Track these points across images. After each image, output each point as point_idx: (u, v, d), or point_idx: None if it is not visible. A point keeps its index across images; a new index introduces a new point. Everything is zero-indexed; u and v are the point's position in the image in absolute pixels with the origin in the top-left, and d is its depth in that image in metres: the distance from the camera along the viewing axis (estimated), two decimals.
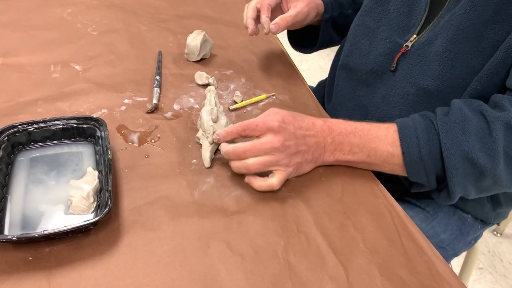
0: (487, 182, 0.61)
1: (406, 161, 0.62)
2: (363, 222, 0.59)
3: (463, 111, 0.61)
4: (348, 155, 0.65)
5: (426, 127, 0.62)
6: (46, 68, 0.82)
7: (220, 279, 0.50)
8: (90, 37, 0.93)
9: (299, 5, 0.81)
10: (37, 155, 0.63)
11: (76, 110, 0.72)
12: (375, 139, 0.64)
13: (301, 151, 0.62)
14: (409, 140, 0.62)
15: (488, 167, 0.58)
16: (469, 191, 0.62)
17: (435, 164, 0.61)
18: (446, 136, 0.60)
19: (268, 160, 0.60)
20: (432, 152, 0.61)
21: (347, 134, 0.65)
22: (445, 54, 0.67)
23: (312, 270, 0.52)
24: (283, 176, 0.61)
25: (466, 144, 0.59)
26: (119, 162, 0.64)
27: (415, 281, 0.53)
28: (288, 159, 0.61)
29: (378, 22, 0.78)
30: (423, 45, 0.71)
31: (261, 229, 0.56)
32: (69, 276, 0.49)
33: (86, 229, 0.53)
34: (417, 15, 0.73)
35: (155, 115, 0.74)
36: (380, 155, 0.64)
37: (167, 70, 0.85)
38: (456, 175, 0.60)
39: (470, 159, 0.59)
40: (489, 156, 0.58)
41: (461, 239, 0.80)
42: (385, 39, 0.76)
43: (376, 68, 0.78)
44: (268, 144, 0.60)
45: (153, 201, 0.58)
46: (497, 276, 1.48)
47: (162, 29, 0.98)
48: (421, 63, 0.71)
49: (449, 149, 0.59)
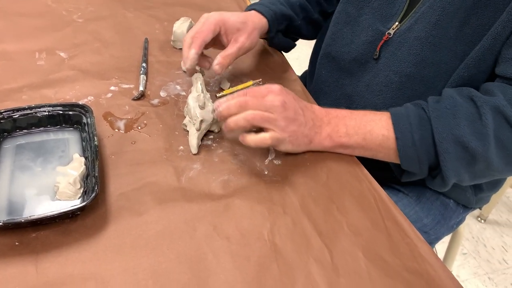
0: (480, 166, 0.62)
1: (399, 146, 0.63)
2: (347, 206, 0.60)
3: (454, 98, 0.62)
4: (345, 137, 0.65)
5: (418, 114, 0.63)
6: (31, 56, 0.81)
7: (207, 262, 0.51)
8: (75, 25, 0.92)
9: (240, 39, 0.75)
10: (22, 142, 0.63)
11: (62, 97, 0.72)
12: (370, 122, 0.65)
13: (299, 120, 0.63)
14: (402, 126, 0.63)
15: (479, 151, 0.59)
16: (462, 176, 0.63)
17: (428, 150, 0.62)
18: (437, 121, 0.61)
19: (266, 116, 0.61)
20: (424, 138, 0.62)
21: (343, 117, 0.66)
22: (428, 39, 0.68)
23: (297, 252, 0.53)
24: (276, 136, 0.61)
25: (457, 128, 0.60)
26: (105, 148, 0.64)
27: (398, 262, 0.54)
28: (285, 123, 0.61)
29: (360, 10, 0.78)
30: (405, 32, 0.71)
31: (248, 212, 0.57)
32: (56, 261, 0.49)
33: (73, 214, 0.53)
34: (400, 2, 0.73)
35: (141, 102, 0.74)
36: (376, 138, 0.64)
37: (153, 58, 0.85)
38: (449, 159, 0.61)
39: (461, 143, 0.60)
40: (480, 140, 0.59)
41: (443, 224, 0.82)
42: (368, 27, 0.76)
43: (359, 57, 0.78)
44: (269, 101, 0.61)
45: (140, 187, 0.59)
46: (480, 261, 1.51)
47: (148, 16, 0.98)
48: (402, 50, 0.71)
49: (441, 134, 0.60)
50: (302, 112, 0.64)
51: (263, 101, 0.61)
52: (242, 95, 0.62)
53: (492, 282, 1.45)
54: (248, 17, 0.78)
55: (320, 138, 0.65)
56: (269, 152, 0.67)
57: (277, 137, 0.61)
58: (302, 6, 0.89)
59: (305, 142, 0.65)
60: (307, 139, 0.64)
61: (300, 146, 0.65)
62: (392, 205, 0.61)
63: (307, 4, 0.90)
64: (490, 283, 1.45)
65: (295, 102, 0.64)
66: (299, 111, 0.63)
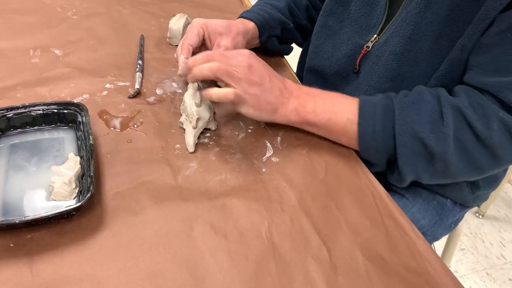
0: (438, 166, 0.61)
1: (360, 132, 0.63)
2: (346, 203, 0.60)
3: (422, 94, 0.62)
4: (311, 114, 0.65)
5: (386, 104, 0.63)
6: (25, 53, 0.80)
7: (204, 260, 0.51)
8: (70, 21, 0.91)
9: (223, 43, 0.74)
10: (17, 142, 0.62)
11: (57, 95, 0.71)
12: (339, 104, 0.65)
13: (263, 85, 0.63)
14: (366, 112, 0.63)
15: (438, 150, 0.59)
16: (420, 173, 0.63)
17: (387, 142, 0.62)
18: (400, 113, 0.61)
19: (230, 71, 0.61)
20: (385, 128, 0.61)
21: (314, 95, 0.66)
22: (404, 54, 0.68)
23: (295, 250, 0.53)
24: (238, 94, 0.61)
25: (418, 123, 0.60)
26: (101, 147, 0.63)
27: (397, 260, 0.54)
28: (248, 84, 0.62)
29: (341, 23, 0.78)
30: (382, 45, 0.71)
31: (245, 210, 0.57)
32: (51, 262, 0.48)
33: (68, 214, 0.52)
34: (378, 15, 0.73)
35: (137, 100, 0.73)
36: (341, 120, 0.64)
37: (149, 55, 0.84)
38: (406, 153, 0.61)
39: (420, 139, 0.60)
40: (439, 139, 0.59)
41: (440, 224, 0.81)
42: (348, 40, 0.76)
43: (340, 70, 0.79)
44: (235, 60, 0.62)
45: (136, 186, 0.58)
46: (478, 257, 1.51)
47: (144, 13, 0.97)
48: (379, 64, 0.71)
49: (401, 126, 0.60)
50: (269, 79, 0.64)
51: (230, 59, 0.62)
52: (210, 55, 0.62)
53: (490, 278, 1.45)
54: (232, 23, 0.77)
55: (286, 110, 0.65)
56: (267, 149, 0.66)
57: (240, 94, 0.61)
58: (290, 11, 0.88)
59: (268, 110, 0.64)
60: (271, 107, 0.64)
61: (262, 112, 0.64)
62: (391, 203, 0.61)
63: (295, 8, 0.89)
64: (488, 278, 1.45)
65: (263, 68, 0.64)
66: (265, 77, 0.64)
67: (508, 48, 0.58)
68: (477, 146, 0.59)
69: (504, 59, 0.59)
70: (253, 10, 0.84)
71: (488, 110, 0.59)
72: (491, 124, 0.58)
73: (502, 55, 0.59)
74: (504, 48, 0.59)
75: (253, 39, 0.82)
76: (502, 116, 0.58)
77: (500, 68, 0.59)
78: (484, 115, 0.59)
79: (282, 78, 0.67)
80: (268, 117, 0.65)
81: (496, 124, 0.58)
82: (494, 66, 0.60)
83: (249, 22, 0.81)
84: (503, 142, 0.59)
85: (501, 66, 0.59)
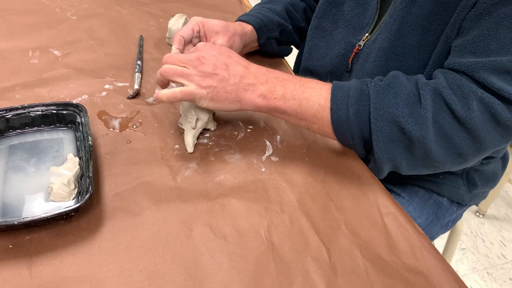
0: (418, 152, 0.59)
1: (332, 118, 0.60)
2: (345, 204, 0.60)
3: (398, 78, 0.60)
4: (280, 100, 0.62)
5: (360, 88, 0.60)
6: (24, 54, 0.80)
7: (203, 262, 0.50)
8: (69, 22, 0.91)
9: (219, 41, 0.74)
10: (16, 143, 0.62)
11: (56, 96, 0.71)
12: (309, 90, 0.62)
13: (219, 75, 0.61)
14: (339, 97, 0.60)
15: (416, 134, 0.57)
16: (398, 161, 0.60)
17: (362, 126, 0.59)
18: (376, 97, 0.59)
19: (179, 70, 0.61)
20: (360, 112, 0.59)
21: (284, 80, 0.63)
22: (391, 50, 0.67)
23: (295, 251, 0.53)
24: (188, 90, 0.60)
25: (396, 107, 0.57)
26: (100, 148, 0.63)
27: (397, 261, 0.54)
28: (200, 77, 0.61)
29: (334, 24, 0.78)
30: (372, 43, 0.71)
31: (244, 211, 0.57)
32: (50, 263, 0.48)
33: (67, 215, 0.52)
34: (370, 14, 0.73)
35: (136, 100, 0.73)
36: (311, 106, 0.61)
37: (148, 55, 0.84)
38: (382, 139, 0.58)
39: (397, 123, 0.57)
40: (418, 123, 0.57)
41: (437, 223, 0.81)
42: (341, 40, 0.77)
43: (334, 70, 0.79)
44: (185, 56, 0.62)
45: (135, 187, 0.58)
46: (479, 256, 1.51)
47: (143, 13, 0.97)
48: (368, 61, 0.71)
49: (378, 110, 0.58)
50: (225, 67, 0.62)
51: (179, 57, 0.62)
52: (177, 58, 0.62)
53: (490, 277, 1.45)
54: (230, 24, 0.77)
55: (252, 97, 0.62)
56: (267, 148, 0.66)
57: (190, 91, 0.60)
58: (288, 13, 0.88)
59: (230, 99, 0.62)
60: (232, 95, 0.62)
61: (224, 103, 0.62)
62: (390, 200, 0.61)
63: (293, 11, 0.89)
64: (489, 278, 1.44)
65: (217, 56, 0.62)
66: (220, 66, 0.62)
67: (485, 29, 0.57)
68: (457, 128, 0.57)
69: (481, 41, 0.58)
70: (251, 14, 0.84)
71: (466, 90, 0.57)
72: (471, 104, 0.56)
73: (479, 36, 0.58)
74: (482, 30, 0.58)
75: (252, 42, 0.82)
76: (481, 95, 0.56)
77: (477, 49, 0.58)
78: (463, 95, 0.57)
79: (246, 63, 0.64)
80: (233, 106, 0.63)
81: (476, 104, 0.56)
82: (471, 47, 0.59)
83: (247, 25, 0.81)
84: (484, 123, 0.57)
85: (477, 47, 0.58)
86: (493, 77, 0.56)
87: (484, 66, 0.56)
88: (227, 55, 0.64)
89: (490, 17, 0.56)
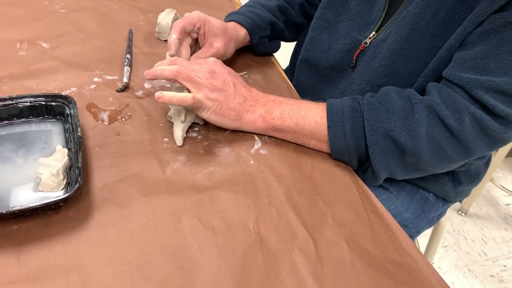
0: (410, 160, 0.64)
1: (330, 134, 0.64)
2: (332, 198, 0.61)
3: (389, 95, 0.64)
4: (278, 120, 0.66)
5: (353, 106, 0.64)
6: (12, 46, 0.80)
7: (192, 253, 0.51)
8: (58, 15, 0.90)
9: (215, 44, 0.74)
10: (3, 133, 0.61)
11: (44, 88, 0.71)
12: (305, 109, 0.66)
13: (226, 91, 0.64)
14: (335, 115, 0.64)
15: (409, 146, 0.61)
16: (393, 169, 0.65)
17: (358, 142, 0.63)
18: (369, 113, 0.63)
19: (192, 76, 0.62)
20: (355, 129, 0.63)
21: (280, 102, 0.67)
22: (400, 52, 0.69)
23: (282, 242, 0.54)
24: (198, 99, 0.62)
25: (388, 122, 0.62)
26: (89, 140, 0.63)
27: (381, 253, 0.55)
28: (209, 90, 0.63)
29: (338, 16, 0.79)
30: (380, 43, 0.72)
31: (233, 204, 0.57)
32: (38, 253, 0.49)
33: (56, 205, 0.52)
34: (377, 11, 0.74)
35: (125, 93, 0.73)
36: (308, 124, 0.65)
37: (137, 49, 0.84)
38: (378, 152, 0.63)
39: (391, 137, 0.62)
40: (410, 135, 0.61)
41: (423, 218, 0.83)
42: (345, 35, 0.77)
43: (336, 64, 0.79)
44: (198, 65, 0.64)
45: (124, 179, 0.58)
46: (461, 253, 1.54)
47: (132, 8, 0.97)
48: (375, 60, 0.72)
49: (372, 126, 0.62)
50: (233, 86, 0.65)
51: (192, 66, 0.64)
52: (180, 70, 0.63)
53: (472, 274, 1.48)
54: (228, 27, 0.78)
55: (252, 117, 0.66)
56: (255, 142, 0.67)
57: (200, 99, 0.62)
58: (282, 10, 0.88)
59: (232, 117, 0.65)
60: (234, 113, 0.65)
61: (225, 118, 0.65)
62: (374, 198, 0.62)
63: (288, 7, 0.89)
64: (470, 274, 1.47)
65: (227, 75, 0.66)
66: (229, 84, 0.65)
67: (488, 49, 0.60)
68: (450, 141, 0.62)
69: (483, 58, 0.61)
70: (243, 13, 0.83)
71: (459, 105, 0.61)
72: (463, 118, 0.60)
73: (481, 54, 0.61)
74: (485, 48, 0.61)
75: (243, 43, 0.84)
76: (473, 111, 0.60)
77: (477, 66, 0.61)
78: (456, 110, 0.61)
79: (247, 85, 0.68)
80: (232, 124, 0.66)
81: (468, 118, 0.61)
82: (472, 63, 0.62)
83: (241, 29, 0.81)
84: (475, 135, 0.61)
85: (478, 64, 0.61)
86: (489, 96, 0.60)
87: (482, 84, 0.60)
88: (235, 76, 0.67)
89: (495, 37, 0.60)
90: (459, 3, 0.64)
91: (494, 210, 1.71)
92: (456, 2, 0.64)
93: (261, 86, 0.79)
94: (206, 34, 0.75)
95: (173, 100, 0.61)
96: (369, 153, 0.63)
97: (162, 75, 0.63)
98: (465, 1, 0.63)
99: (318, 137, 0.65)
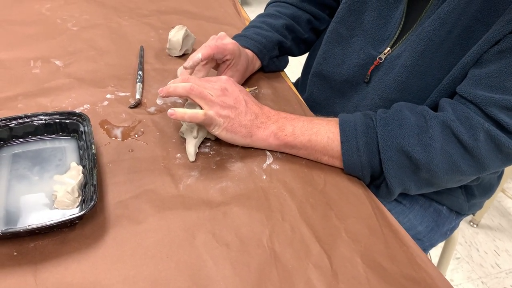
0: (424, 175, 0.64)
1: (343, 150, 0.64)
2: (345, 212, 0.61)
3: (402, 111, 0.65)
4: (290, 136, 0.66)
5: (365, 122, 0.65)
6: (26, 64, 0.81)
7: (207, 269, 0.51)
8: (70, 33, 0.92)
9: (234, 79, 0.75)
10: (19, 151, 0.62)
11: (58, 105, 0.72)
12: (317, 126, 0.66)
13: (238, 109, 0.65)
14: (348, 131, 0.64)
15: (423, 162, 0.61)
16: (407, 184, 0.65)
17: (371, 157, 0.63)
18: (383, 129, 0.63)
19: (204, 93, 0.63)
20: (368, 144, 0.63)
21: (292, 119, 0.68)
22: (415, 68, 0.69)
23: (296, 258, 0.54)
24: (210, 115, 0.62)
25: (402, 138, 0.62)
26: (103, 157, 0.64)
27: (396, 269, 0.55)
28: (220, 106, 0.63)
29: (352, 31, 0.79)
30: (395, 58, 0.73)
31: (246, 219, 0.57)
32: (55, 271, 0.49)
33: (72, 223, 0.53)
34: (392, 27, 0.74)
35: (138, 110, 0.74)
36: (321, 140, 0.65)
37: (149, 65, 0.85)
38: (392, 167, 0.63)
39: (405, 152, 0.62)
40: (425, 151, 0.61)
41: (437, 231, 0.83)
42: (360, 50, 0.78)
43: (350, 79, 0.80)
44: (210, 83, 0.65)
45: (138, 195, 0.59)
46: (473, 265, 1.52)
47: (143, 24, 0.98)
48: (389, 76, 0.73)
49: (386, 141, 0.62)
50: (244, 104, 0.66)
51: (205, 83, 0.65)
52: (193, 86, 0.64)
53: (485, 286, 1.46)
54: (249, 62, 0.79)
55: (264, 134, 0.66)
56: (267, 157, 0.67)
57: (211, 116, 0.62)
58: (289, 28, 0.88)
59: (243, 133, 0.65)
60: (245, 130, 0.65)
61: (236, 134, 0.65)
62: (388, 213, 0.62)
63: (294, 24, 0.89)
64: (484, 287, 1.45)
65: (239, 93, 0.66)
66: (240, 101, 0.65)
67: (503, 67, 0.61)
68: (464, 157, 0.62)
69: (498, 76, 0.61)
70: (250, 36, 0.83)
71: (474, 122, 0.61)
72: (478, 135, 0.61)
73: (497, 72, 0.61)
74: (500, 67, 0.61)
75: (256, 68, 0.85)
76: (487, 128, 0.61)
77: (492, 83, 0.62)
78: (471, 127, 0.61)
79: (258, 103, 0.68)
80: (243, 140, 0.66)
81: (482, 135, 0.61)
82: (487, 81, 0.62)
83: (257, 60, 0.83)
84: (489, 152, 0.62)
85: (493, 82, 0.61)
86: (503, 114, 0.61)
87: (497, 103, 0.61)
88: (246, 94, 0.68)
89: (511, 56, 0.60)
90: (475, 21, 0.64)
91: (506, 221, 1.70)
92: (472, 20, 0.64)
93: (271, 101, 0.80)
94: (230, 66, 0.75)
95: (185, 116, 0.61)
96: (383, 168, 0.63)
97: (175, 92, 0.63)
98: (481, 20, 0.63)
99: (331, 153, 0.66)
